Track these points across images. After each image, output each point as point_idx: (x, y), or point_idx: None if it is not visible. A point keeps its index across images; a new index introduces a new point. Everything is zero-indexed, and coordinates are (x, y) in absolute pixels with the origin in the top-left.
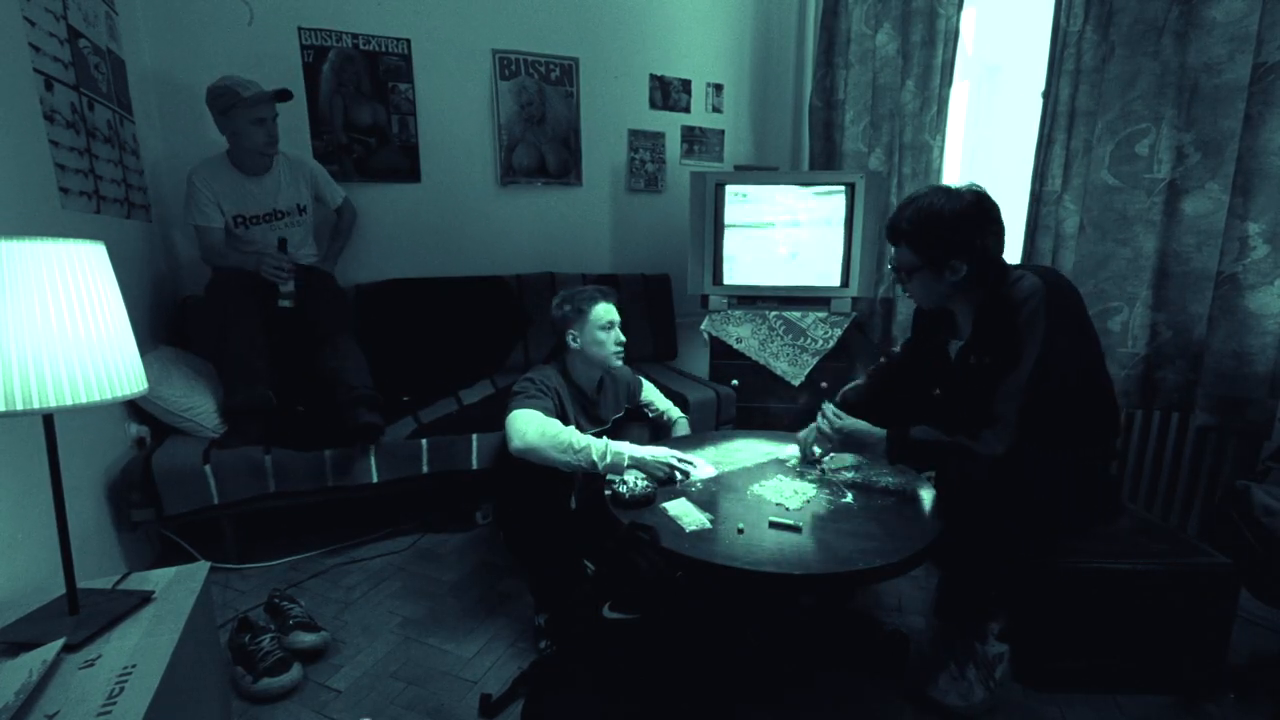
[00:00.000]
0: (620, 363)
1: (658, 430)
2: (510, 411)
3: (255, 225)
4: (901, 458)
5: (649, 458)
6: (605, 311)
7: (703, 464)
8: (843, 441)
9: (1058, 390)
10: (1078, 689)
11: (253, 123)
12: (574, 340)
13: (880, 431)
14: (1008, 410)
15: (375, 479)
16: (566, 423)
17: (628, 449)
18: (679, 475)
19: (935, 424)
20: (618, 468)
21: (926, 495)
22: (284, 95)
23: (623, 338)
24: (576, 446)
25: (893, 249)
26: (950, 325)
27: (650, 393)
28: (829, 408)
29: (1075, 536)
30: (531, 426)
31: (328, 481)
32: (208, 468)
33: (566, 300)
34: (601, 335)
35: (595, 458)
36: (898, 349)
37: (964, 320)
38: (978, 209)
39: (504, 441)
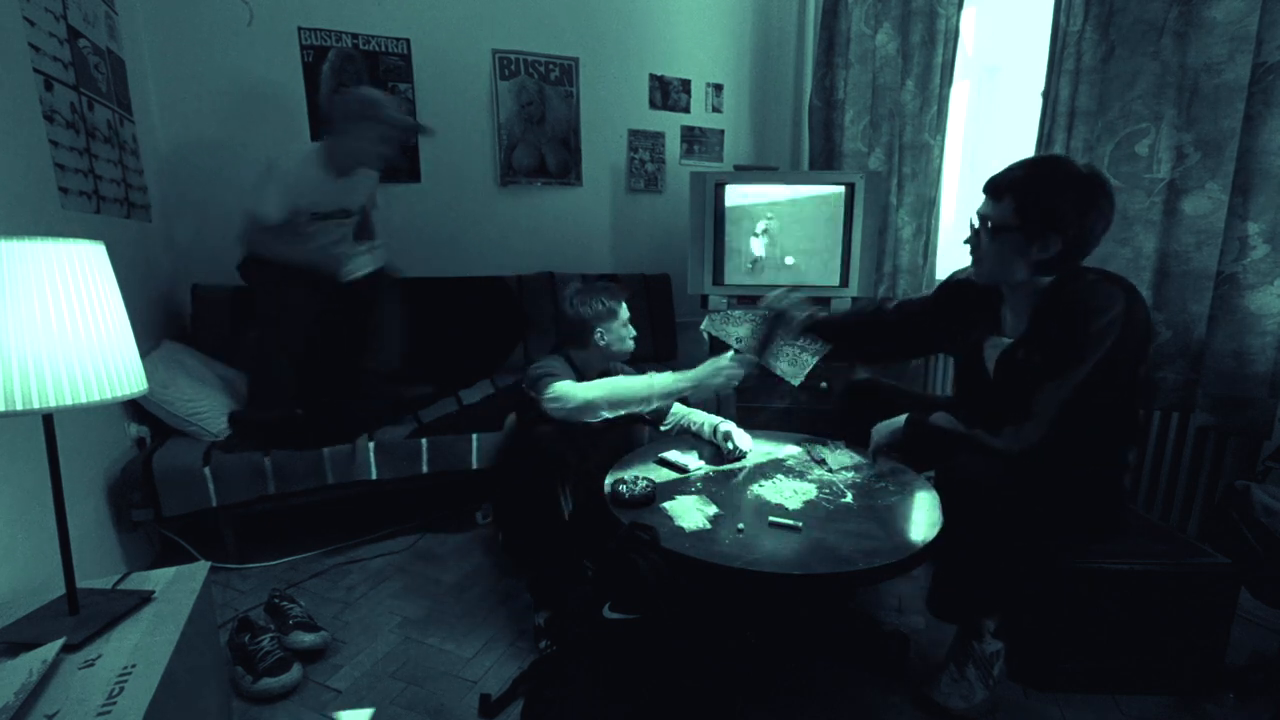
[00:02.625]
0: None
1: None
2: (547, 388)
3: (323, 220)
4: (917, 440)
5: (704, 374)
6: (626, 308)
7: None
8: (878, 433)
9: (1101, 403)
10: (1078, 689)
11: (378, 139)
12: (601, 338)
13: (900, 417)
14: (1047, 408)
15: (375, 475)
16: None
17: (674, 378)
18: (728, 445)
19: (954, 414)
20: (670, 395)
21: (926, 495)
22: (423, 130)
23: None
24: (631, 387)
25: (983, 204)
26: (992, 322)
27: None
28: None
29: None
30: (582, 388)
31: (328, 479)
32: (207, 470)
33: (593, 298)
34: (624, 331)
35: (649, 393)
36: (893, 305)
37: (1016, 317)
38: (1097, 183)
39: (502, 441)
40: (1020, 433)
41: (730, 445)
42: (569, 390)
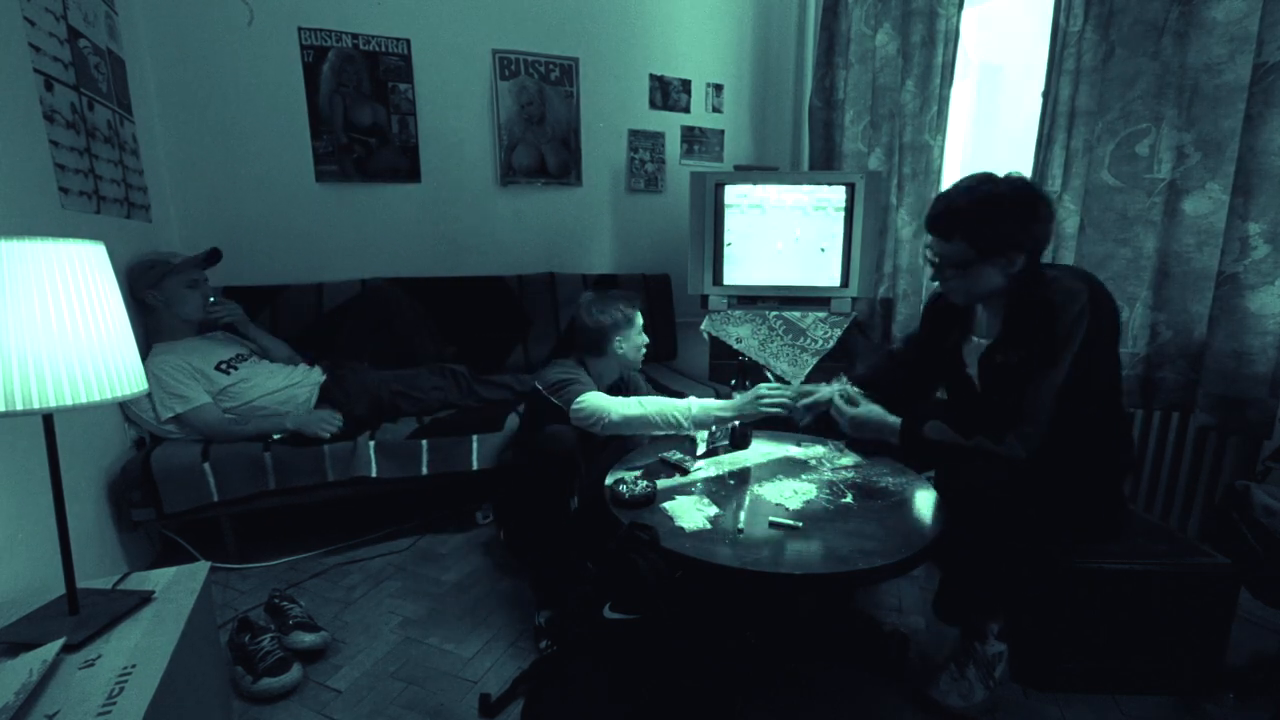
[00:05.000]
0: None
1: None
2: (576, 399)
3: (240, 366)
4: (913, 452)
5: (744, 403)
6: (640, 316)
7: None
8: (855, 426)
9: (1089, 397)
10: (1078, 689)
11: (187, 286)
12: (619, 346)
13: (895, 420)
14: (1040, 411)
15: (375, 472)
16: None
17: (715, 405)
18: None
19: (948, 423)
20: (705, 421)
21: (926, 495)
22: (214, 257)
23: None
24: (670, 408)
25: (933, 242)
26: (965, 324)
27: None
28: (850, 389)
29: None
30: (616, 402)
31: (328, 476)
32: (207, 465)
33: (610, 307)
34: (639, 339)
35: (684, 418)
36: (900, 345)
37: (991, 317)
38: (1032, 193)
39: (511, 439)
40: (1023, 437)
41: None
42: (603, 404)
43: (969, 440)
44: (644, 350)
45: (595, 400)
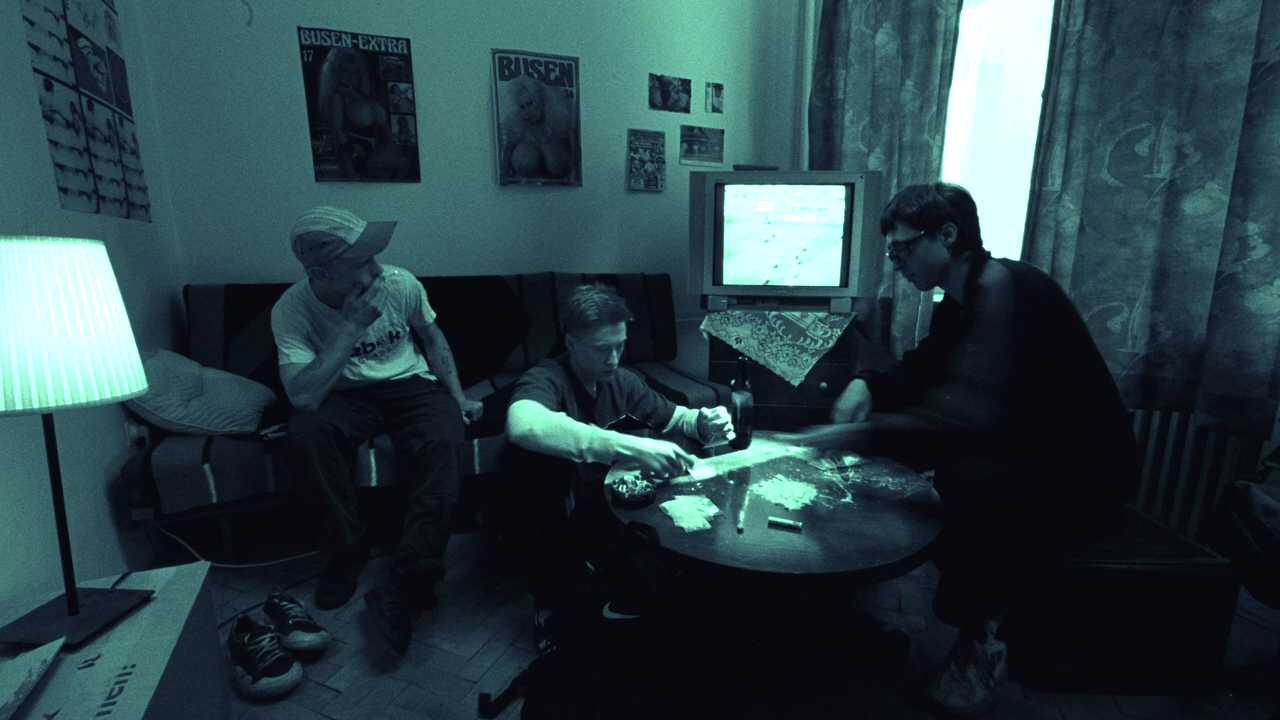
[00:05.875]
0: (607, 376)
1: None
2: (513, 401)
3: (372, 351)
4: (880, 450)
5: (648, 450)
6: (605, 336)
7: (701, 465)
8: (822, 446)
9: (1039, 374)
10: (1078, 689)
11: (356, 268)
12: (569, 344)
13: (855, 425)
14: (991, 381)
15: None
16: None
17: (617, 438)
18: (680, 470)
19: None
20: (605, 455)
21: (926, 495)
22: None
23: (615, 362)
24: (568, 431)
25: (889, 239)
26: (961, 325)
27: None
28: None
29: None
30: (529, 414)
31: None
32: (206, 466)
33: (577, 304)
34: (591, 352)
35: (584, 445)
36: (915, 347)
37: (966, 310)
38: (958, 194)
39: (505, 441)
40: (984, 405)
41: (719, 421)
42: (516, 413)
43: (938, 424)
44: (601, 367)
45: (516, 410)
